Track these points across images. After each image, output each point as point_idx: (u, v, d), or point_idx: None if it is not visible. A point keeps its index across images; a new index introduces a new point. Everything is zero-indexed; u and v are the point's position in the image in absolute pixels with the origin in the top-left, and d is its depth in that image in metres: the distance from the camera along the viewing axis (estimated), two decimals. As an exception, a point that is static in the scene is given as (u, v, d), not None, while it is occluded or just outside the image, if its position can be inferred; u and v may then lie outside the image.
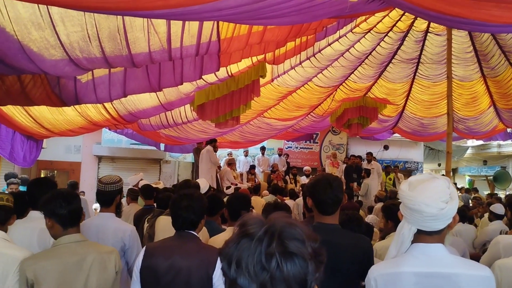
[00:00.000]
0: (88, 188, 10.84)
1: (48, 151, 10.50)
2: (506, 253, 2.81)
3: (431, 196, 1.56)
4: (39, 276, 2.13)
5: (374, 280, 1.66)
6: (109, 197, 3.01)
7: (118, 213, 3.25)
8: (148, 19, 2.78)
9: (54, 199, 2.24)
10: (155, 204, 4.57)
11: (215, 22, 3.12)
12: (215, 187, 8.77)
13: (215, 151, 9.38)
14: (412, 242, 1.65)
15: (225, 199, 3.47)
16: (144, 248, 2.30)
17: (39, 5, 2.27)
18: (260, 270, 0.82)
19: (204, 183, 4.66)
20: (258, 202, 6.34)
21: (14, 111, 4.72)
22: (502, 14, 2.01)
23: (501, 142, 15.12)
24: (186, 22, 3.01)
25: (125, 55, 2.97)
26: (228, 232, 2.92)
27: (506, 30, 4.48)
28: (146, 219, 3.71)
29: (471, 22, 2.23)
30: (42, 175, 11.79)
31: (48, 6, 2.31)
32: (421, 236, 1.63)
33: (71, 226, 2.28)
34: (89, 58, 2.81)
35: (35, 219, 2.76)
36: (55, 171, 12.14)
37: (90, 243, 2.37)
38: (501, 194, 12.46)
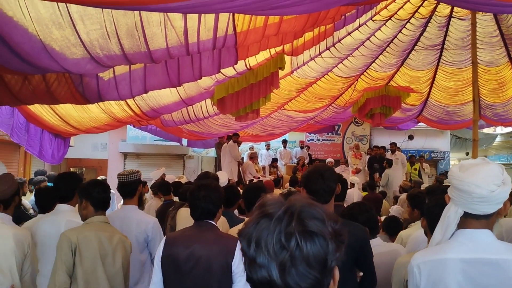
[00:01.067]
0: (114, 184, 11.08)
1: (76, 149, 10.83)
2: (508, 235, 2.75)
3: (483, 178, 1.51)
4: (82, 243, 2.53)
5: (417, 267, 1.60)
6: (131, 187, 3.11)
7: (140, 205, 3.34)
8: (164, 14, 2.82)
9: (93, 186, 2.70)
10: (174, 198, 4.65)
11: (231, 15, 3.14)
12: (236, 180, 8.85)
13: (238, 145, 9.48)
14: (458, 227, 1.59)
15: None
16: (165, 238, 2.35)
17: (59, 4, 2.34)
18: (279, 249, 0.82)
19: (224, 177, 4.72)
20: (279, 195, 6.35)
21: (42, 110, 4.90)
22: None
23: (533, 129, 14.54)
24: (202, 16, 3.04)
25: (144, 51, 3.03)
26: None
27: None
28: (169, 212, 3.80)
29: (490, 3, 2.16)
30: (71, 173, 12.17)
31: (68, 5, 2.38)
32: (468, 220, 1.57)
33: (102, 210, 2.71)
34: (109, 55, 2.89)
35: (62, 212, 2.89)
36: (84, 169, 12.52)
37: (111, 225, 2.76)
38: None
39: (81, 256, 2.51)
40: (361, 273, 2.34)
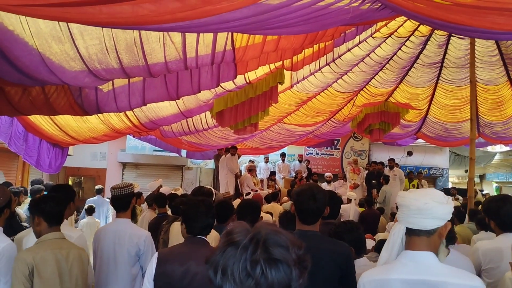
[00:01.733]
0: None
1: (75, 158, 10.85)
2: (485, 259, 2.74)
3: (422, 194, 1.62)
4: (39, 264, 2.46)
5: (363, 285, 1.69)
6: (125, 200, 3.11)
7: (133, 218, 3.34)
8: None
9: (45, 200, 2.62)
10: (168, 212, 4.63)
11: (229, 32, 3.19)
12: (234, 193, 8.85)
13: (238, 157, 9.50)
14: (405, 248, 1.66)
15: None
16: (156, 255, 2.33)
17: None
18: (245, 277, 0.84)
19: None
20: (276, 209, 6.33)
21: (41, 120, 4.93)
22: (505, 22, 1.98)
23: (532, 148, 14.52)
24: (201, 33, 3.08)
25: (142, 66, 3.07)
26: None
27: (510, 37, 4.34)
28: (162, 225, 3.80)
29: (475, 30, 2.20)
30: (70, 182, 12.18)
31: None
32: (412, 240, 1.63)
33: (56, 225, 2.64)
34: (107, 69, 2.92)
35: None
36: (82, 177, 12.51)
37: (67, 240, 2.71)
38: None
39: (40, 277, 2.46)
40: None
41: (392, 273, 1.62)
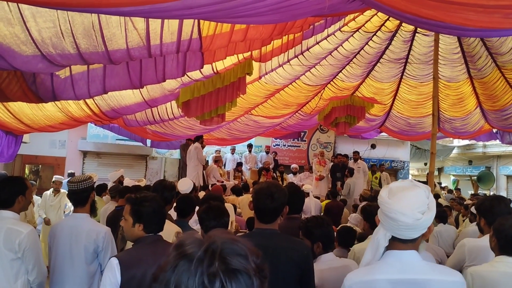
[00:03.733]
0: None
1: (32, 146, 10.33)
2: (470, 256, 2.80)
3: (408, 205, 1.56)
4: None
5: (349, 287, 1.67)
6: (83, 195, 2.94)
7: (93, 212, 3.16)
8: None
9: None
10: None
11: (195, 19, 3.05)
12: (202, 185, 8.71)
13: (203, 148, 9.32)
14: (387, 248, 1.66)
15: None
16: (116, 262, 2.11)
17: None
18: None
19: (188, 183, 4.59)
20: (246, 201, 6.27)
21: (-8, 106, 4.60)
22: (479, 19, 1.98)
23: (487, 143, 15.27)
24: (165, 19, 2.93)
25: (102, 52, 2.89)
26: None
27: (484, 35, 4.46)
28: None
29: (448, 26, 2.20)
30: (27, 170, 11.62)
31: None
32: (395, 243, 1.64)
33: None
34: (63, 55, 2.72)
35: (3, 219, 2.68)
36: (40, 166, 11.95)
37: None
38: (486, 194, 12.58)
39: None
40: None
41: (378, 274, 1.62)
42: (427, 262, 1.67)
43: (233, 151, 12.04)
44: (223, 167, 11.00)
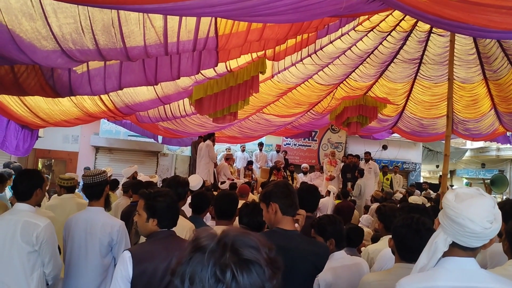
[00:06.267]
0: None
1: (46, 140, 10.47)
2: (492, 261, 2.77)
3: (477, 213, 1.52)
4: None
5: None
6: (98, 188, 2.98)
7: (107, 206, 3.21)
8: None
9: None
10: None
11: (213, 18, 3.07)
12: (212, 182, 8.75)
13: (213, 145, 9.37)
14: (444, 254, 1.60)
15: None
16: (128, 255, 2.13)
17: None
18: (215, 284, 0.78)
19: (197, 180, 4.62)
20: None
21: (9, 100, 4.66)
22: (502, 20, 1.95)
23: (500, 146, 15.05)
24: (183, 17, 2.95)
25: (120, 48, 2.92)
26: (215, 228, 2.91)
27: (507, 37, 4.39)
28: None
29: (470, 27, 2.17)
30: (40, 164, 11.78)
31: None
32: (455, 249, 1.59)
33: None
34: (82, 50, 2.76)
35: (20, 212, 2.72)
36: (53, 160, 12.12)
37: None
38: (498, 198, 12.41)
39: None
40: None
41: (438, 280, 1.57)
42: (487, 271, 1.64)
43: (243, 149, 12.06)
44: (233, 165, 11.03)
